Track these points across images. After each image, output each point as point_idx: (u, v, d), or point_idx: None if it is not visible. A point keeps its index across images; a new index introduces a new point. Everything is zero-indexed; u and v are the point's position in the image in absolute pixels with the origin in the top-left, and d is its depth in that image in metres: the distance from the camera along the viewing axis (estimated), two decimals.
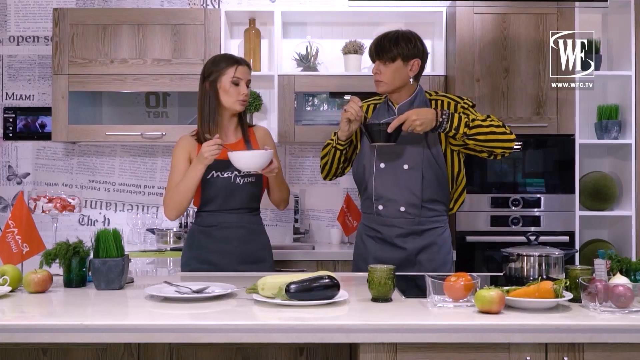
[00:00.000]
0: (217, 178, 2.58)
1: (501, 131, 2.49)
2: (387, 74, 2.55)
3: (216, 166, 2.56)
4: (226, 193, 2.59)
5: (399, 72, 2.56)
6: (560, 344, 1.63)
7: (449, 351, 1.63)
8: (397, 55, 2.53)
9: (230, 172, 2.58)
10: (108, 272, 2.07)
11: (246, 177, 2.60)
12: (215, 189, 2.58)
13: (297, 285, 1.84)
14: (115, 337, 1.67)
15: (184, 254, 2.69)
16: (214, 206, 2.61)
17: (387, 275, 1.90)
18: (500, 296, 1.73)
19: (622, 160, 3.59)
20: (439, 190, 2.57)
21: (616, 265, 1.96)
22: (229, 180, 2.59)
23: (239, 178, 2.60)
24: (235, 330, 1.65)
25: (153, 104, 3.65)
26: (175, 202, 2.56)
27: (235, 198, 2.60)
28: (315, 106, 3.76)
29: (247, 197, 2.62)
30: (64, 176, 3.94)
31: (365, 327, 1.62)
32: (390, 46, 2.53)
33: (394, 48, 2.52)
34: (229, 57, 2.66)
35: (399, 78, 2.56)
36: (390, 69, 2.54)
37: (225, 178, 2.59)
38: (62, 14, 3.61)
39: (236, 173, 2.59)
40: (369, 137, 2.48)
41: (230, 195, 2.59)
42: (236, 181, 2.59)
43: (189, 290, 1.97)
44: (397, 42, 2.53)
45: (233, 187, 2.59)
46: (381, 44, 2.55)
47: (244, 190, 2.61)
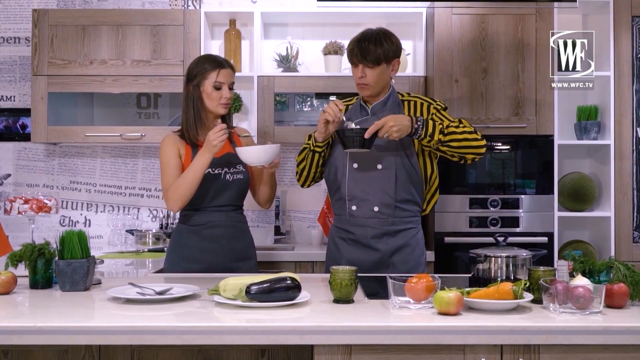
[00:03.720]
0: (209, 174, 2.60)
1: (473, 137, 2.49)
2: (372, 77, 2.52)
3: None
4: (216, 189, 2.61)
5: (383, 73, 2.54)
6: (515, 345, 1.63)
7: (404, 353, 1.63)
8: (382, 57, 2.50)
9: (221, 169, 2.62)
10: (73, 274, 2.07)
11: (235, 174, 2.64)
12: (207, 185, 2.60)
13: (257, 287, 1.84)
14: (75, 339, 1.67)
15: (170, 254, 2.69)
16: (203, 203, 2.62)
17: (349, 276, 1.89)
18: (458, 297, 1.73)
19: (602, 161, 3.59)
20: (412, 190, 2.56)
21: (579, 267, 1.95)
22: (220, 177, 2.62)
23: (229, 175, 2.63)
24: (192, 332, 1.64)
25: (144, 105, 3.67)
26: (180, 193, 2.55)
27: (224, 195, 2.63)
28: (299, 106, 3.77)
29: (236, 193, 2.65)
30: (45, 177, 3.94)
31: (319, 328, 1.62)
32: (374, 48, 2.48)
33: (379, 49, 2.48)
34: (213, 60, 2.66)
35: (383, 80, 2.55)
36: (375, 71, 2.52)
37: (216, 174, 2.62)
38: (41, 15, 3.60)
39: (226, 170, 2.62)
40: (343, 144, 2.45)
41: (220, 191, 2.62)
42: (226, 177, 2.63)
43: (153, 291, 1.97)
44: (380, 42, 2.49)
45: (223, 183, 2.62)
46: (365, 47, 2.49)
47: (233, 187, 2.64)
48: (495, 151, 3.46)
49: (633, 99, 3.46)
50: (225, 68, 2.64)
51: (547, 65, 3.43)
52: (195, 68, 2.64)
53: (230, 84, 2.65)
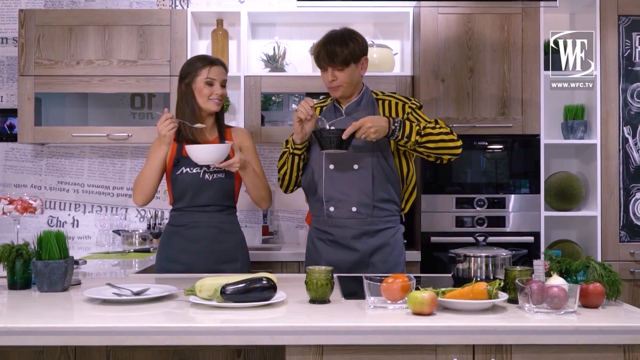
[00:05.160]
0: (186, 174, 2.61)
1: (449, 138, 2.49)
2: (343, 79, 2.52)
3: (185, 162, 2.60)
4: (195, 189, 2.61)
5: (353, 73, 2.54)
6: (487, 345, 1.62)
7: (376, 353, 1.63)
8: (350, 57, 2.49)
9: (199, 169, 2.61)
10: (50, 274, 2.06)
11: (215, 174, 2.62)
12: (184, 185, 2.61)
13: (232, 288, 1.83)
14: (49, 339, 1.66)
15: (157, 254, 2.71)
16: (184, 203, 2.63)
17: (325, 276, 1.89)
18: (432, 298, 1.73)
19: (588, 161, 3.59)
20: (390, 190, 2.56)
21: (556, 267, 1.95)
22: (198, 176, 2.61)
23: (208, 174, 2.62)
24: (165, 332, 1.64)
25: (138, 105, 3.68)
26: (141, 186, 2.61)
27: (204, 194, 2.62)
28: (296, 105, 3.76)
29: (218, 194, 2.63)
30: (32, 177, 3.93)
31: (291, 329, 1.62)
32: (341, 49, 2.48)
33: (345, 50, 2.48)
34: (204, 58, 2.69)
35: (354, 80, 2.55)
36: (345, 73, 2.51)
37: (194, 174, 2.61)
38: (28, 15, 3.60)
39: (205, 169, 2.62)
40: (320, 145, 2.45)
41: (199, 191, 2.61)
42: (205, 177, 2.62)
43: (130, 292, 1.97)
44: (345, 43, 2.48)
45: (202, 183, 2.61)
46: (331, 49, 2.48)
47: (214, 187, 2.62)
48: (481, 151, 3.45)
49: (619, 98, 3.46)
50: (217, 65, 2.66)
51: (533, 65, 3.43)
52: (188, 67, 2.67)
53: (222, 81, 2.66)
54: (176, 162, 2.63)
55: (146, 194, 2.62)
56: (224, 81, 2.68)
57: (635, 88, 3.46)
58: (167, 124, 2.49)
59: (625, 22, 3.46)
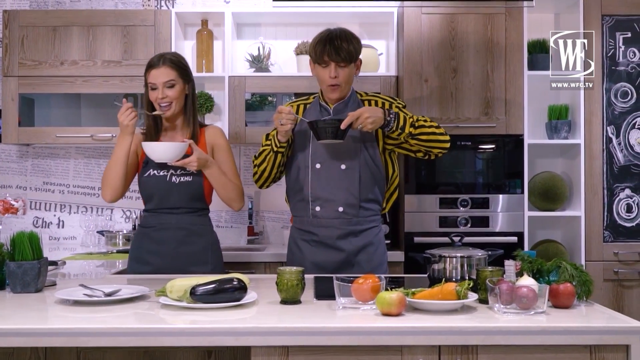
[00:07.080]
0: (153, 177, 2.60)
1: (440, 132, 2.53)
2: (344, 76, 2.52)
3: (153, 164, 2.58)
4: (162, 191, 2.60)
5: (352, 73, 2.55)
6: (453, 346, 1.62)
7: (342, 354, 1.62)
8: (353, 54, 2.50)
9: (166, 171, 2.60)
10: (23, 275, 2.06)
11: (182, 176, 2.61)
12: (151, 187, 2.61)
13: (202, 288, 1.83)
14: (19, 341, 1.66)
15: (129, 256, 2.71)
16: (152, 205, 2.63)
17: (296, 277, 1.89)
18: (400, 298, 1.73)
19: (572, 161, 3.59)
20: (375, 190, 2.57)
21: (527, 267, 1.95)
22: (165, 179, 2.60)
23: (175, 177, 2.60)
24: (133, 333, 1.64)
25: None
26: (107, 180, 2.58)
27: (172, 197, 2.60)
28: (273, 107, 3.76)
29: (186, 196, 2.62)
30: (18, 178, 3.92)
31: (257, 330, 1.61)
32: (347, 45, 2.47)
33: (350, 46, 2.48)
34: (149, 61, 2.63)
35: (351, 80, 2.57)
36: (346, 70, 2.52)
37: (160, 176, 2.60)
38: (11, 16, 3.60)
39: (172, 171, 2.60)
40: (316, 135, 2.44)
41: (166, 194, 2.60)
42: (172, 180, 2.60)
43: (102, 293, 1.97)
44: (349, 40, 2.49)
45: (169, 185, 2.59)
46: (338, 45, 2.45)
47: (181, 190, 2.60)
48: (465, 151, 3.45)
49: (603, 98, 3.46)
50: (157, 68, 2.57)
51: (516, 65, 3.43)
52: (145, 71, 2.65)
53: (165, 82, 2.56)
54: (145, 164, 2.63)
55: (114, 188, 2.57)
56: (170, 81, 2.57)
57: (619, 88, 3.46)
58: (128, 113, 2.49)
59: (609, 22, 3.46)
